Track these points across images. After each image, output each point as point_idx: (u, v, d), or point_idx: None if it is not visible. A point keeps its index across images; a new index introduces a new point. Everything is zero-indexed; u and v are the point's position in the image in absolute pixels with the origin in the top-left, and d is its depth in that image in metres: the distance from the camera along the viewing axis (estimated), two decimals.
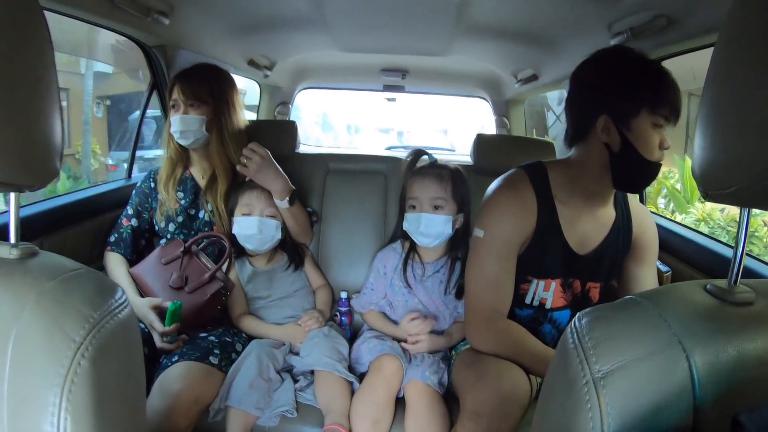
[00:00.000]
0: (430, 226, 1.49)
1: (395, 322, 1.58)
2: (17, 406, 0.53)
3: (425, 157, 1.60)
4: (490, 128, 3.23)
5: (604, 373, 0.50)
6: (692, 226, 1.28)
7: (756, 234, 4.18)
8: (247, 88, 3.12)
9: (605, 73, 1.14)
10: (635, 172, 1.14)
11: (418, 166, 1.58)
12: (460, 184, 1.54)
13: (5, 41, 0.56)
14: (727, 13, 0.51)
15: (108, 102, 6.76)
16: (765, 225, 4.18)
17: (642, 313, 0.54)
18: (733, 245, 0.58)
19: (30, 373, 0.53)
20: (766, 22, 0.46)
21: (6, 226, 0.65)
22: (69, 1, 1.26)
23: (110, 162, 6.07)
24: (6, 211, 0.82)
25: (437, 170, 1.53)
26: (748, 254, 1.33)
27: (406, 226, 1.54)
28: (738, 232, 0.58)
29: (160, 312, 1.39)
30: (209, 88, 1.58)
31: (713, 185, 0.51)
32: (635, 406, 0.49)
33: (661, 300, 0.56)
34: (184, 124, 1.54)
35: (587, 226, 1.27)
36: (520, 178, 1.26)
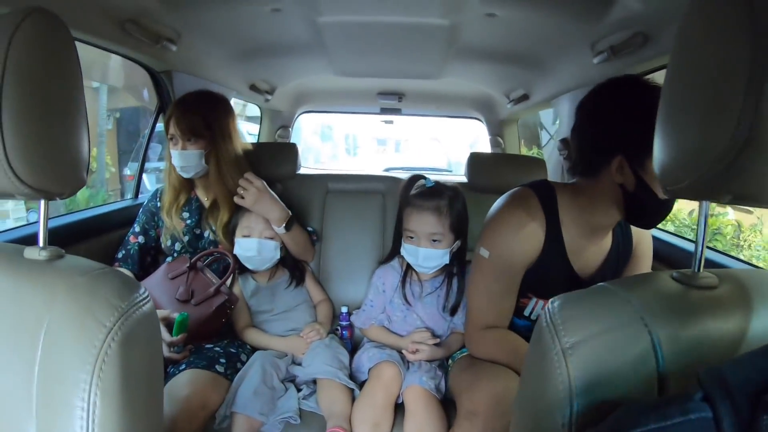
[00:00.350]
0: (428, 260, 1.50)
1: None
2: (46, 385, 0.59)
3: (422, 181, 1.57)
4: (485, 138, 3.28)
5: (571, 344, 0.57)
6: (659, 226, 1.33)
7: (720, 233, 4.48)
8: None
9: (618, 112, 1.06)
10: (651, 212, 1.10)
11: (416, 192, 1.55)
12: (459, 210, 1.53)
13: (40, 64, 0.63)
14: (676, 31, 0.58)
15: (117, 114, 6.84)
16: (734, 226, 4.41)
17: (608, 296, 0.61)
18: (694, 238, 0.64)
19: (62, 355, 0.59)
20: (704, 37, 0.53)
21: (32, 236, 0.71)
22: (84, 28, 1.33)
23: (128, 172, 6.13)
24: (35, 222, 0.88)
25: (435, 201, 1.49)
26: (710, 248, 1.39)
27: (404, 253, 1.55)
28: (698, 224, 0.63)
29: (168, 324, 1.43)
30: (204, 120, 1.60)
31: (671, 181, 0.58)
32: (599, 370, 0.55)
33: (627, 285, 0.62)
34: (184, 160, 1.58)
35: (589, 251, 1.25)
36: (529, 198, 1.21)
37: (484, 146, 3.32)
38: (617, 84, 1.10)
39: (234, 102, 2.28)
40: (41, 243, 0.70)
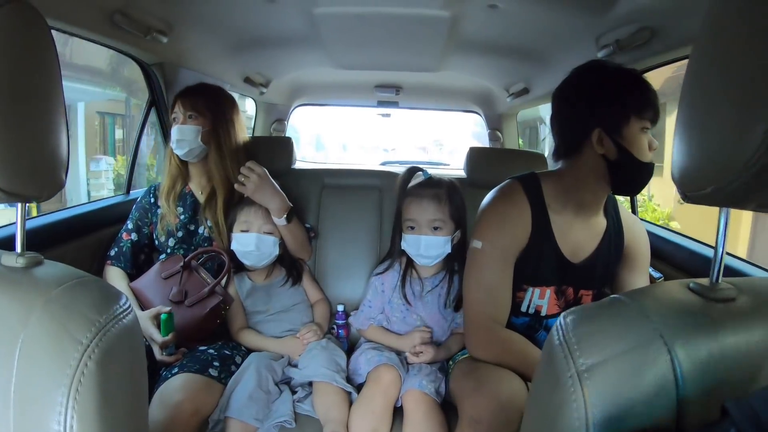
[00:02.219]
0: (431, 248, 1.50)
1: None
2: (23, 406, 0.55)
3: (420, 173, 1.60)
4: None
5: (587, 367, 0.52)
6: (675, 229, 1.33)
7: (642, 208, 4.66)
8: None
9: (590, 89, 1.18)
10: (634, 176, 1.18)
11: (413, 184, 1.58)
12: (457, 201, 1.55)
13: (14, 58, 0.59)
14: (701, 24, 0.54)
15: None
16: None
17: (625, 310, 0.57)
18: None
19: (37, 374, 0.55)
20: (735, 33, 0.49)
21: (9, 238, 0.67)
22: (70, 19, 1.29)
23: None
24: (11, 224, 0.84)
25: (434, 190, 1.53)
26: (730, 254, 1.36)
27: (404, 246, 1.54)
28: (717, 233, 0.59)
29: (158, 323, 1.40)
30: (207, 101, 1.62)
31: (691, 187, 0.54)
32: (618, 398, 0.51)
33: (643, 298, 0.58)
34: (180, 133, 1.58)
35: (580, 235, 1.29)
36: (514, 189, 1.28)
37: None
38: (586, 68, 1.21)
39: None
40: (18, 249, 0.66)
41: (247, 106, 3.19)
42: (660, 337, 0.52)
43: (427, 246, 1.49)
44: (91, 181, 6.36)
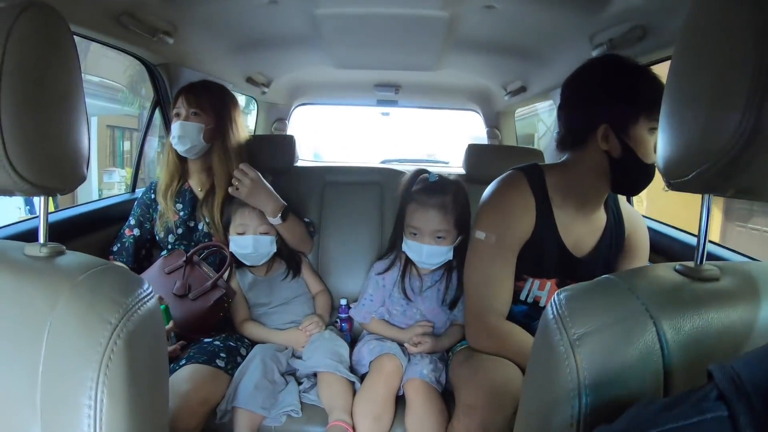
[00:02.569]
0: (432, 257, 1.51)
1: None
2: (51, 384, 0.58)
3: (426, 176, 1.58)
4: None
5: (578, 336, 0.57)
6: (658, 218, 1.37)
7: None
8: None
9: (602, 83, 1.16)
10: (636, 177, 1.16)
11: (419, 187, 1.55)
12: (463, 206, 1.54)
13: (38, 58, 0.62)
14: (682, 24, 0.58)
15: None
16: None
17: (613, 287, 0.61)
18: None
19: (66, 354, 0.58)
20: (710, 31, 0.53)
21: (32, 231, 0.70)
22: (79, 20, 1.31)
23: None
24: (35, 217, 0.87)
25: (440, 199, 1.50)
26: (712, 242, 1.40)
27: (405, 249, 1.55)
28: (700, 218, 0.63)
29: None
30: (211, 99, 1.64)
31: (674, 174, 0.58)
32: (607, 363, 0.55)
33: (631, 277, 0.63)
34: (182, 130, 1.59)
35: (582, 230, 1.28)
36: (518, 179, 1.26)
37: None
38: (602, 61, 1.21)
39: None
40: (41, 239, 0.69)
41: None
42: (646, 311, 0.57)
43: (430, 255, 1.50)
44: (104, 191, 6.47)
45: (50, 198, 0.70)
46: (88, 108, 0.70)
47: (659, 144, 0.60)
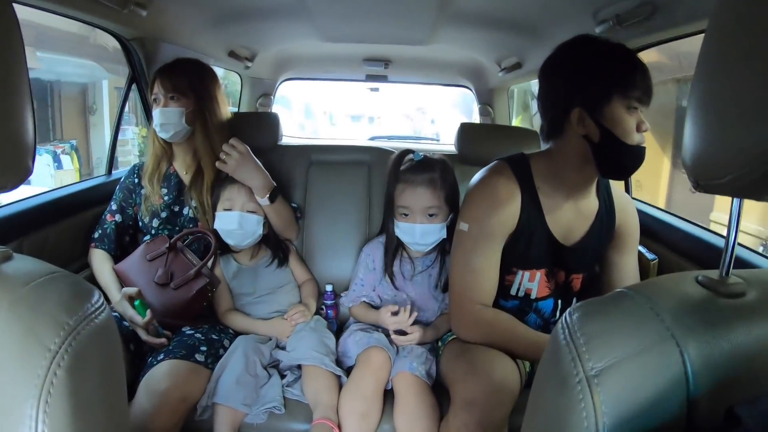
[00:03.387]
0: (426, 236, 1.48)
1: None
2: None
3: (411, 156, 1.55)
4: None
5: (597, 371, 0.49)
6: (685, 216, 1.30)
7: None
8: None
9: (571, 65, 1.13)
10: (619, 159, 1.12)
11: (405, 167, 1.54)
12: (451, 183, 1.52)
13: None
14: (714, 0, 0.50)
15: None
16: None
17: (633, 307, 0.54)
18: (725, 235, 0.58)
19: (5, 386, 0.51)
20: (756, 9, 0.45)
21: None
22: None
23: None
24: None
25: (428, 174, 1.48)
26: (738, 244, 1.34)
27: (398, 233, 1.52)
28: (729, 223, 0.57)
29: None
30: (189, 80, 1.57)
31: (705, 175, 0.50)
32: (630, 403, 0.48)
33: (652, 293, 0.55)
34: (164, 117, 1.53)
35: (571, 218, 1.27)
36: (502, 170, 1.25)
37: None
38: (570, 43, 1.16)
39: None
40: None
41: None
42: (672, 337, 0.50)
43: (423, 234, 1.47)
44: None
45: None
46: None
47: (687, 139, 0.52)
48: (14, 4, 0.58)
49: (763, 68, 0.43)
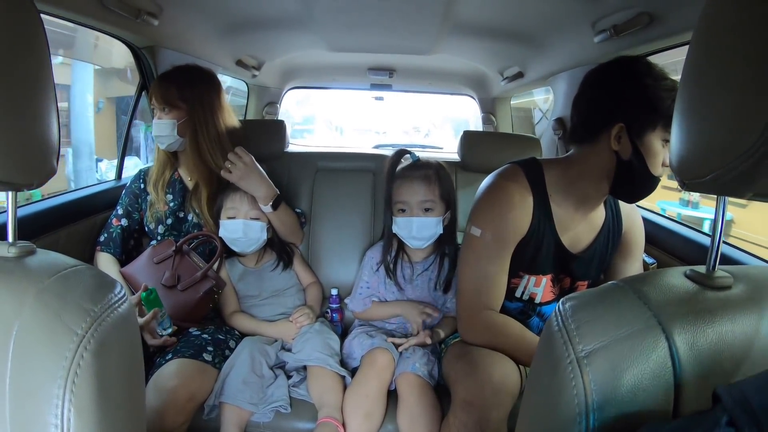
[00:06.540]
0: (423, 229, 1.50)
1: None
2: (20, 400, 0.54)
3: (407, 156, 1.59)
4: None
5: (587, 353, 0.53)
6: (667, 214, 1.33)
7: None
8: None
9: (629, 81, 1.10)
10: (639, 184, 1.13)
11: (402, 167, 1.57)
12: (446, 182, 1.54)
13: (6, 45, 0.57)
14: (701, 11, 0.53)
15: None
16: None
17: (622, 297, 0.57)
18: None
19: (32, 367, 0.54)
20: (734, 21, 0.48)
21: (3, 226, 0.65)
22: (60, 2, 1.25)
23: None
24: (4, 211, 0.82)
25: (423, 171, 1.52)
26: (725, 243, 1.37)
27: (396, 230, 1.54)
28: (715, 221, 0.60)
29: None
30: (180, 91, 1.56)
31: (689, 174, 0.53)
32: (617, 383, 0.51)
33: (641, 285, 0.58)
34: (157, 129, 1.56)
35: (579, 227, 1.27)
36: (516, 174, 1.23)
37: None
38: (630, 60, 1.13)
39: None
40: (10, 238, 0.65)
41: None
42: (658, 324, 0.53)
43: (420, 227, 1.49)
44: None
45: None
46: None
47: (673, 142, 0.56)
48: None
49: (740, 76, 0.46)
